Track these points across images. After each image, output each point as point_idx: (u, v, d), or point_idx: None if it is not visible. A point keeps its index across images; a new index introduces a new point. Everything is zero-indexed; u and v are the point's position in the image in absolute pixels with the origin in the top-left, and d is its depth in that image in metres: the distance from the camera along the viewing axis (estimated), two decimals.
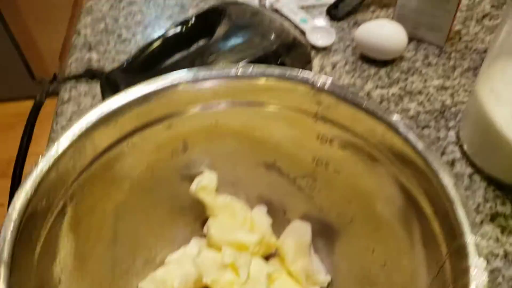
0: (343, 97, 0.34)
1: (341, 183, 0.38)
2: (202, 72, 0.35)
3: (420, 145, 0.30)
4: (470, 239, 0.26)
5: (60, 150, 0.31)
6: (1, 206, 1.29)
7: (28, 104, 0.41)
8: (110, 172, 0.36)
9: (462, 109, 0.50)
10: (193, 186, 0.40)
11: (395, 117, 0.32)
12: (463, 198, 0.28)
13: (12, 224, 0.28)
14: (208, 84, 0.36)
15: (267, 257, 0.40)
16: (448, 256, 0.28)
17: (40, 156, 0.31)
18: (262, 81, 0.36)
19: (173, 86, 0.35)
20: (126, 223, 0.38)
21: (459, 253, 0.27)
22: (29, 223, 0.29)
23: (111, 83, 0.43)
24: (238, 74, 0.35)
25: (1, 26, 1.45)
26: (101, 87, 0.44)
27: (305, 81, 0.35)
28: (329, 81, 0.34)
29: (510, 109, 0.39)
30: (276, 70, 0.35)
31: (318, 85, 0.34)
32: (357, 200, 0.37)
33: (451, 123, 0.49)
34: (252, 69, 0.35)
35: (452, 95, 0.52)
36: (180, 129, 0.37)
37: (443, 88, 0.52)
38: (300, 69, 0.35)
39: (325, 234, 0.40)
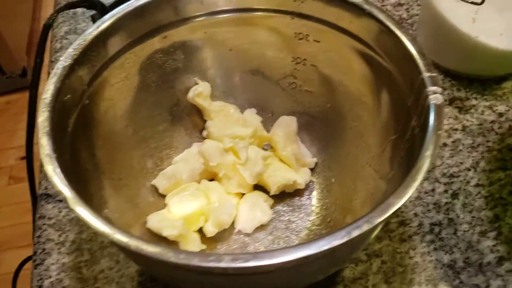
0: None
1: (318, 75, 0.44)
2: None
3: (381, 16, 0.36)
4: (425, 75, 0.33)
5: (76, 52, 0.36)
6: None
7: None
8: (117, 79, 0.41)
9: (417, 19, 0.57)
10: (190, 94, 0.45)
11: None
12: (419, 48, 0.34)
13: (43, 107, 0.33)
14: None
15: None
16: (412, 99, 0.34)
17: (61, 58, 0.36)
18: None
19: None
20: (133, 130, 0.43)
21: (419, 91, 0.33)
22: (61, 109, 0.34)
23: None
24: None
25: None
26: (93, 22, 0.49)
27: None
28: None
29: (456, 2, 0.45)
30: None
31: None
32: (332, 87, 0.43)
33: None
34: None
35: (407, 10, 0.58)
36: (174, 39, 0.43)
37: (399, 5, 0.59)
38: None
39: (308, 126, 0.46)
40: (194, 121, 0.47)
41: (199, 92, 0.45)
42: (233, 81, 0.47)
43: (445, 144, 0.47)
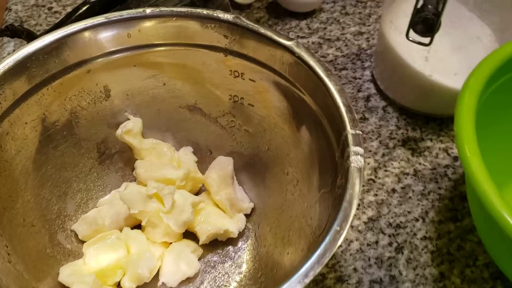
0: (245, 27, 0.36)
1: (256, 116, 0.41)
2: (112, 15, 0.38)
3: (311, 61, 0.33)
4: (349, 131, 0.29)
5: None
6: None
7: None
8: (33, 118, 0.37)
9: None
10: (119, 131, 0.42)
11: (289, 41, 0.35)
12: (346, 100, 0.31)
13: None
14: (119, 28, 0.38)
15: (196, 194, 0.43)
16: (339, 154, 0.31)
17: None
18: (171, 20, 0.38)
19: (80, 31, 0.37)
20: (54, 170, 0.40)
21: (343, 148, 0.30)
22: None
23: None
24: (148, 13, 0.37)
25: None
26: None
27: (210, 17, 0.37)
28: (232, 15, 0.37)
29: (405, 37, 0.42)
30: (183, 9, 0.38)
31: (222, 18, 0.37)
32: (270, 129, 0.40)
33: (367, 64, 0.53)
34: (160, 10, 0.38)
35: (367, 39, 0.55)
36: (99, 74, 0.39)
37: (359, 33, 0.56)
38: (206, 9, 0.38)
39: (247, 167, 0.43)
40: (126, 158, 0.44)
41: (128, 129, 0.41)
42: (169, 117, 0.43)
43: (394, 190, 0.44)
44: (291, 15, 0.58)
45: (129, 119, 0.42)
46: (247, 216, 0.42)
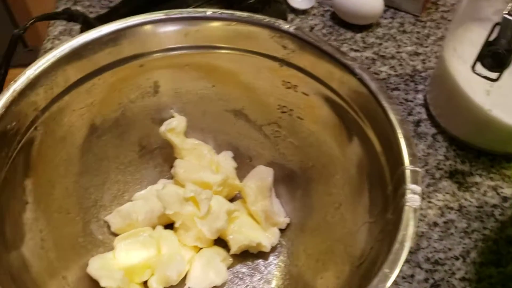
0: (306, 40, 0.35)
1: (305, 130, 0.40)
2: (172, 13, 0.37)
3: (373, 85, 0.32)
4: (407, 167, 0.28)
5: (32, 76, 0.33)
6: None
7: (20, 72, 0.41)
8: (81, 106, 0.37)
9: (432, 73, 0.52)
10: (163, 128, 0.41)
11: (351, 60, 0.33)
12: (407, 132, 0.30)
13: None
14: (177, 26, 0.37)
15: (231, 200, 0.42)
16: (391, 188, 0.30)
17: (12, 82, 0.33)
18: (231, 24, 0.37)
19: (141, 25, 0.36)
20: (95, 159, 0.40)
21: (398, 182, 0.29)
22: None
23: (90, 27, 0.44)
24: (208, 15, 0.37)
25: None
26: (81, 31, 0.45)
27: (271, 26, 0.36)
28: (293, 26, 0.36)
29: (469, 67, 0.40)
30: (244, 14, 0.37)
31: (283, 29, 0.36)
32: (318, 145, 0.39)
33: (420, 87, 0.51)
34: (221, 12, 0.37)
35: (423, 61, 0.53)
36: (151, 69, 0.39)
37: (415, 54, 0.54)
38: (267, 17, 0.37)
39: (287, 180, 0.42)
40: (166, 155, 0.43)
41: (172, 127, 0.41)
42: (214, 119, 0.43)
43: (435, 224, 0.42)
44: (347, 26, 0.56)
45: (173, 117, 0.42)
46: (282, 231, 0.41)
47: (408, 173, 0.28)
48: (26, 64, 0.40)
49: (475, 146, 0.46)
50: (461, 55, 0.42)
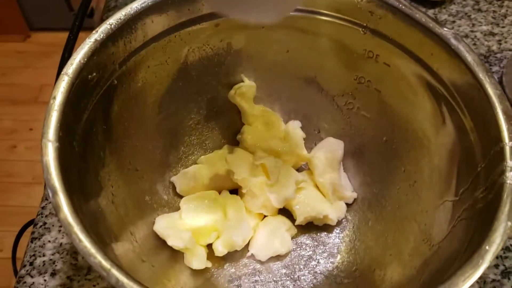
0: (396, 7, 0.33)
1: (381, 102, 0.38)
2: None
3: (469, 57, 0.30)
4: (507, 144, 0.26)
5: (114, 26, 0.32)
6: (31, 130, 1.32)
7: (64, 35, 0.41)
8: (156, 63, 0.36)
9: (508, 55, 0.49)
10: (232, 92, 0.40)
11: (446, 30, 0.32)
12: (506, 108, 0.28)
13: (63, 85, 0.29)
14: None
15: (298, 170, 0.41)
16: (484, 165, 0.28)
17: (94, 31, 0.32)
18: None
19: None
20: (164, 118, 0.39)
21: (494, 159, 0.27)
22: (79, 90, 0.30)
23: None
24: None
25: None
26: None
27: None
28: None
29: None
30: None
31: None
32: (394, 120, 0.37)
33: (495, 68, 0.49)
34: None
35: (499, 42, 0.51)
36: (226, 30, 0.38)
37: (490, 34, 0.51)
38: None
39: (357, 154, 0.41)
40: (231, 120, 0.43)
41: (242, 92, 0.40)
42: (283, 86, 0.41)
43: None
44: (419, 1, 0.54)
45: (243, 82, 0.41)
46: (348, 205, 0.40)
47: (507, 149, 0.26)
48: (69, 29, 0.40)
49: None
50: None
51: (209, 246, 0.37)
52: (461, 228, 0.29)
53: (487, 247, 0.24)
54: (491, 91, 0.29)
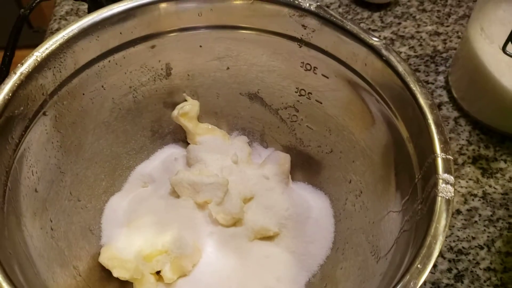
0: (328, 19, 0.33)
1: (323, 114, 0.38)
2: None
3: (400, 67, 0.30)
4: (439, 155, 0.26)
5: (40, 58, 0.31)
6: None
7: (26, 53, 0.40)
8: (91, 89, 0.35)
9: (453, 54, 0.50)
10: (175, 112, 0.40)
11: (376, 41, 0.31)
12: (437, 118, 0.28)
13: None
14: (191, 4, 0.35)
15: None
16: (420, 176, 0.28)
17: (19, 64, 0.31)
18: (248, 2, 0.35)
19: (155, 3, 0.34)
20: (106, 144, 0.38)
21: (428, 171, 0.27)
22: (6, 126, 0.29)
23: (98, 7, 0.42)
24: None
25: None
26: (88, 11, 0.44)
27: (290, 4, 0.34)
28: (314, 4, 0.34)
29: (498, 47, 0.38)
30: None
31: (304, 7, 0.34)
32: (337, 130, 0.37)
33: (441, 68, 0.49)
34: None
35: (444, 41, 0.51)
36: (163, 51, 0.37)
37: (436, 33, 0.52)
38: None
39: (305, 166, 0.41)
40: (178, 140, 0.42)
41: (185, 111, 0.39)
42: (228, 103, 0.41)
43: (458, 212, 0.40)
44: (364, 4, 0.54)
45: (186, 101, 0.40)
46: None
47: (439, 161, 0.26)
48: (31, 45, 0.38)
49: (499, 130, 0.44)
50: (489, 35, 0.40)
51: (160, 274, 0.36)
52: (403, 240, 0.29)
53: (419, 266, 0.23)
54: (423, 101, 0.29)
